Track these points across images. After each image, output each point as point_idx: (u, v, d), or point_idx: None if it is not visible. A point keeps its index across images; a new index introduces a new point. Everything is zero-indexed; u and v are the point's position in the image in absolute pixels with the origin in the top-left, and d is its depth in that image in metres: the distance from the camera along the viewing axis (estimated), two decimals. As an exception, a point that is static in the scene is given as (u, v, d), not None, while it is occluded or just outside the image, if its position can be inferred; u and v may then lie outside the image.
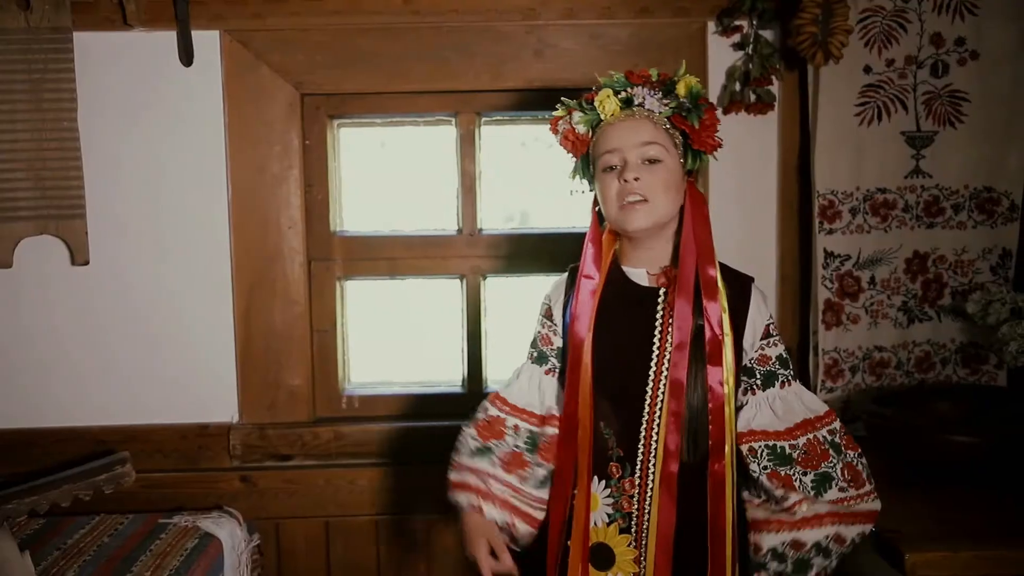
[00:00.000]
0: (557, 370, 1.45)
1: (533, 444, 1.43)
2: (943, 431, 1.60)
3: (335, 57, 1.90)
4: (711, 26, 1.90)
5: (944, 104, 1.84)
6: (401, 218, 2.06)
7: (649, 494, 1.36)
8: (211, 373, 1.94)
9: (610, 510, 1.39)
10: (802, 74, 1.89)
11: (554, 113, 1.43)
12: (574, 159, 1.44)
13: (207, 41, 1.87)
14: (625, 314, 1.39)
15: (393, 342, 2.10)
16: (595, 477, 1.38)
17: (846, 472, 1.33)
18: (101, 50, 1.86)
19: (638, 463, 1.37)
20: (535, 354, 1.48)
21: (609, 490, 1.38)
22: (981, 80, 1.83)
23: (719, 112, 1.86)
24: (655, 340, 1.37)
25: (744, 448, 1.37)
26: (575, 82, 1.91)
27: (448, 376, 2.07)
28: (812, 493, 1.31)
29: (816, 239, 1.85)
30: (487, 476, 1.42)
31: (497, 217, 2.06)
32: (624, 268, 1.42)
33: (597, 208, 1.43)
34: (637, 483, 1.37)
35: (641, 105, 1.36)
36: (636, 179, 1.33)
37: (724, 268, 1.42)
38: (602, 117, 1.37)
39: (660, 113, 1.36)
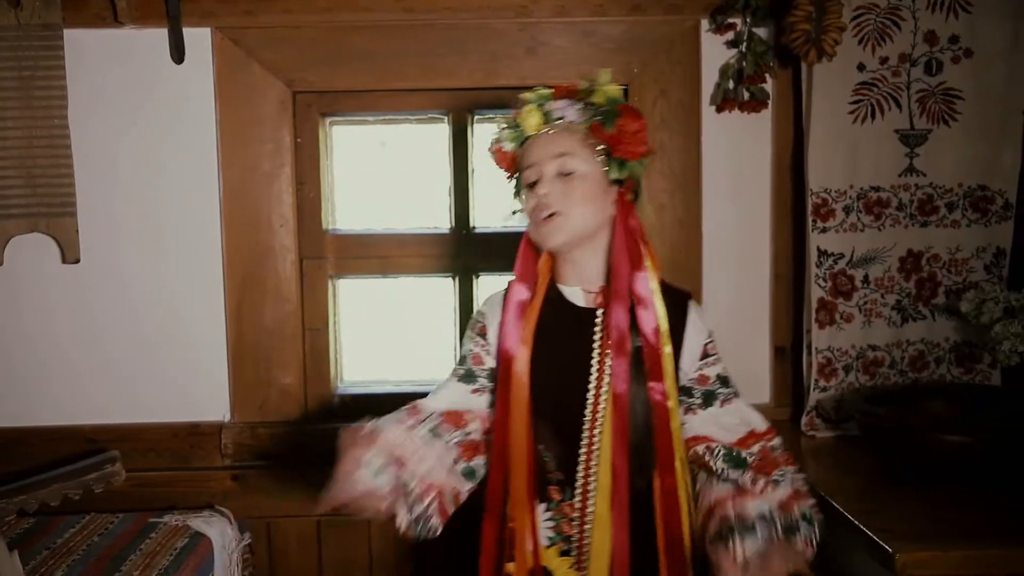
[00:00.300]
0: (487, 391, 1.41)
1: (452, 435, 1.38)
2: (936, 430, 1.59)
3: (327, 55, 1.89)
4: (704, 24, 1.90)
5: (938, 102, 1.83)
6: (394, 216, 2.05)
7: (590, 516, 1.35)
8: (203, 372, 1.93)
9: (551, 533, 1.37)
10: (796, 72, 1.89)
11: (492, 135, 1.42)
12: (510, 177, 1.42)
13: (198, 38, 1.87)
14: (563, 334, 1.36)
15: (386, 341, 2.09)
16: (537, 501, 1.35)
17: (794, 484, 1.32)
18: (92, 47, 1.86)
19: (578, 486, 1.35)
20: (462, 372, 1.43)
21: (549, 513, 1.37)
22: (975, 78, 1.82)
23: (713, 109, 1.91)
24: (593, 360, 1.35)
25: (700, 448, 1.36)
26: (568, 80, 1.91)
27: (441, 375, 2.02)
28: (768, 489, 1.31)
29: (809, 237, 1.85)
30: (400, 422, 1.37)
31: (490, 215, 2.05)
32: (560, 287, 1.39)
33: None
34: (578, 506, 1.35)
35: (561, 118, 1.34)
36: (545, 193, 1.31)
37: (661, 283, 1.39)
38: (528, 133, 1.36)
39: (579, 123, 1.33)
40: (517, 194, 1.41)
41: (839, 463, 1.75)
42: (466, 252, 2.00)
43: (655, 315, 1.33)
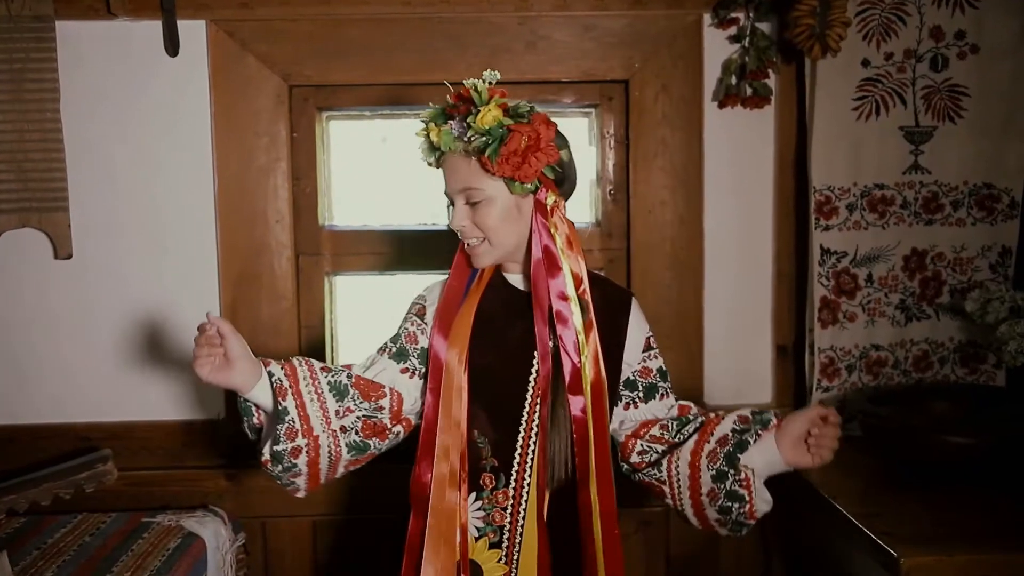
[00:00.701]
0: (416, 374, 1.38)
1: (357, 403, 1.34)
2: (940, 431, 1.57)
3: (324, 48, 1.86)
4: (707, 18, 1.87)
5: (943, 99, 1.80)
6: (392, 212, 2.02)
7: (523, 507, 1.33)
8: None
9: (480, 523, 1.33)
10: (799, 68, 1.86)
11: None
12: None
13: (193, 31, 1.84)
14: (504, 318, 1.35)
15: (383, 339, 2.05)
16: (466, 490, 1.32)
17: (700, 412, 1.42)
18: (84, 40, 1.83)
19: (513, 473, 1.33)
20: (393, 349, 1.39)
21: (480, 502, 1.33)
22: (981, 74, 1.79)
23: (715, 105, 1.89)
24: (534, 346, 1.32)
25: (655, 429, 1.38)
26: (568, 75, 1.89)
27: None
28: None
29: (812, 235, 1.82)
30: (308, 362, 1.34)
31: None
32: (504, 274, 1.39)
33: None
34: (511, 495, 1.33)
35: (459, 138, 1.27)
36: (462, 226, 1.31)
37: (604, 283, 1.41)
38: (442, 149, 1.31)
39: (468, 151, 1.27)
40: None
41: (840, 464, 1.65)
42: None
43: (574, 329, 1.30)
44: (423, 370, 1.37)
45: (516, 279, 1.38)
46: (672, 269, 1.92)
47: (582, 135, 2.01)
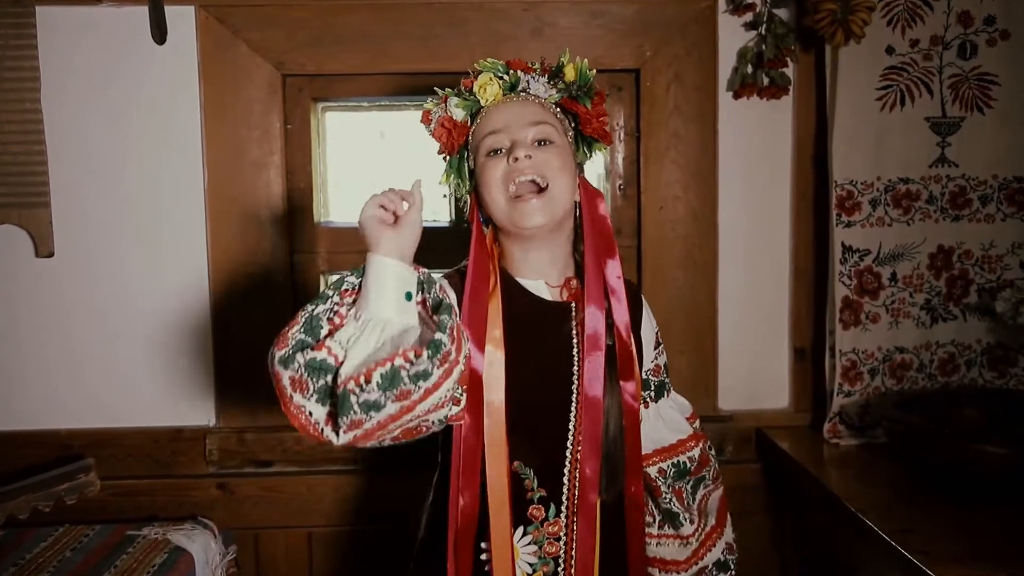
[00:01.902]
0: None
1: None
2: (976, 440, 1.47)
3: (319, 35, 1.77)
4: (722, 4, 1.79)
5: (972, 88, 1.72)
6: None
7: (575, 531, 1.21)
8: (186, 373, 1.82)
9: (532, 559, 1.21)
10: (819, 56, 1.78)
11: (426, 104, 1.26)
12: (447, 156, 1.28)
13: (181, 17, 1.75)
14: (536, 334, 1.20)
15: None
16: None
17: (714, 471, 1.37)
18: (67, 26, 1.74)
19: (564, 500, 1.21)
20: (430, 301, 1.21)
21: (530, 536, 1.20)
22: (1012, 62, 1.70)
23: (730, 96, 1.81)
24: (574, 363, 1.21)
25: (652, 470, 1.32)
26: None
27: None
28: (689, 497, 1.34)
29: (833, 233, 1.73)
30: None
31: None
32: (520, 281, 1.23)
33: (479, 213, 1.26)
34: (564, 522, 1.21)
35: (526, 90, 1.23)
36: (528, 156, 1.16)
37: None
38: (482, 103, 1.22)
39: (547, 98, 1.23)
40: (455, 175, 1.28)
41: (866, 474, 1.63)
42: (466, 247, 1.88)
43: (627, 309, 1.22)
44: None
45: (534, 286, 1.23)
46: (685, 267, 1.84)
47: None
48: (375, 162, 1.97)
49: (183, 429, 1.82)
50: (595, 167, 1.92)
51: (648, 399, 1.34)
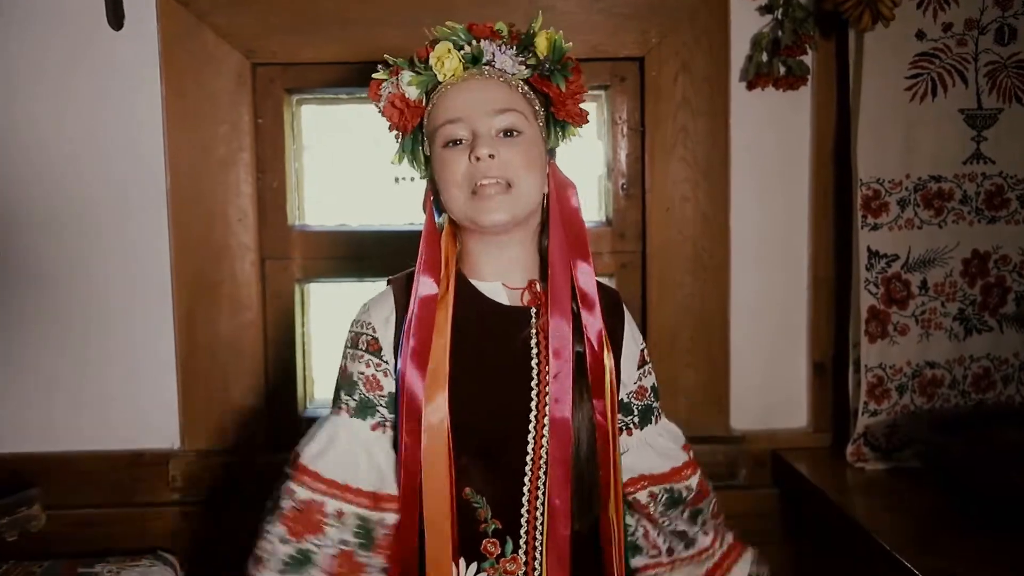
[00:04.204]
0: (390, 426, 1.10)
1: (368, 536, 1.06)
2: (1021, 464, 1.33)
3: (292, 20, 1.64)
4: (734, -14, 1.66)
5: (1011, 76, 1.58)
6: (372, 210, 1.80)
7: (537, 570, 1.07)
8: (147, 391, 1.69)
9: None
10: (840, 42, 1.64)
11: (374, 75, 1.12)
12: (399, 136, 1.13)
13: (140, 0, 1.61)
14: (488, 345, 1.08)
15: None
16: (462, 561, 1.06)
17: (713, 507, 1.23)
18: (13, 10, 1.60)
19: (523, 534, 1.07)
20: (353, 404, 1.09)
21: (485, 574, 1.06)
22: (1055, 48, 1.58)
23: (743, 86, 1.67)
24: (533, 375, 1.08)
25: (643, 495, 1.18)
26: (574, 51, 1.64)
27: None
28: (689, 523, 1.21)
29: (858, 236, 1.60)
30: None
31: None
32: (473, 283, 1.11)
33: (432, 200, 1.14)
34: (523, 559, 1.07)
35: (491, 64, 1.08)
36: (491, 156, 1.04)
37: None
38: (440, 78, 1.08)
39: (514, 74, 1.09)
40: (410, 158, 1.14)
41: (895, 502, 1.50)
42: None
43: (598, 318, 1.08)
44: (393, 419, 1.10)
45: (492, 289, 1.11)
46: (694, 274, 1.70)
47: (590, 121, 1.78)
48: (357, 156, 1.83)
49: (143, 452, 1.69)
50: (595, 165, 1.79)
51: (631, 426, 1.19)
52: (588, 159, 1.78)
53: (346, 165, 1.83)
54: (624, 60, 1.70)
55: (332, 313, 1.83)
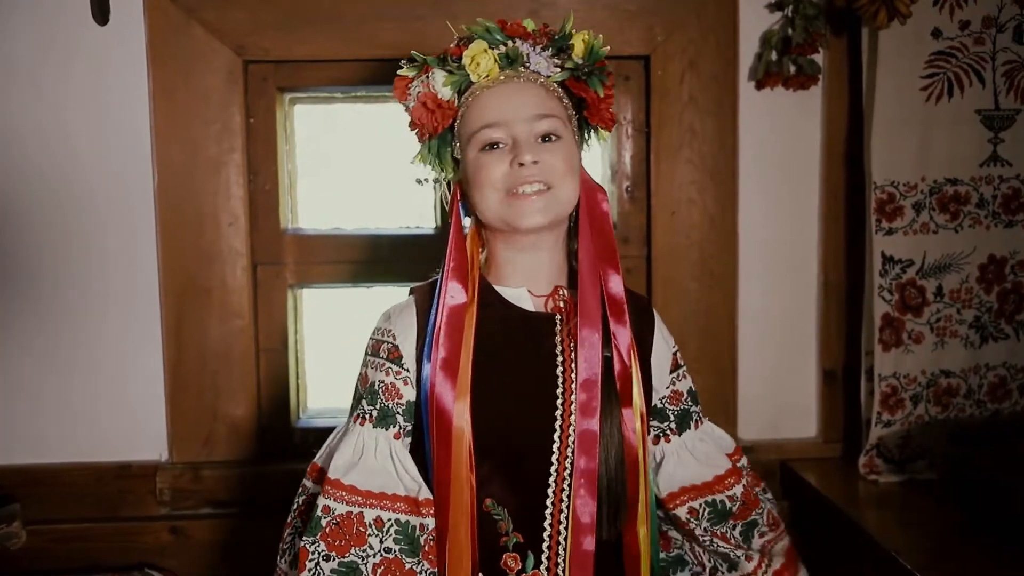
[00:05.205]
0: (405, 431, 1.08)
1: (411, 542, 1.02)
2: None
3: (285, 16, 1.59)
4: (743, -18, 1.62)
5: (1029, 77, 1.54)
6: (368, 213, 1.76)
7: None
8: (134, 401, 1.64)
9: None
10: (853, 40, 1.60)
11: (399, 71, 1.09)
12: (425, 137, 1.10)
13: (127, -6, 1.57)
14: (512, 352, 1.07)
15: (356, 363, 1.79)
16: None
17: (769, 516, 1.19)
18: (-6, 5, 1.56)
19: (545, 548, 1.04)
20: (375, 413, 1.07)
21: None
22: (1075, 47, 1.53)
23: (752, 86, 1.63)
24: (558, 384, 1.06)
25: (682, 511, 1.17)
26: (578, 49, 1.63)
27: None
28: (739, 540, 1.17)
29: (872, 241, 1.55)
30: None
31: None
32: (498, 289, 1.10)
33: (460, 203, 1.11)
34: (545, 574, 1.05)
35: (526, 65, 1.06)
36: (535, 162, 1.03)
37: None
38: (473, 79, 1.06)
39: (550, 77, 1.08)
40: (435, 161, 1.12)
41: (910, 516, 1.46)
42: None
43: (628, 328, 1.07)
44: (410, 427, 1.07)
45: (516, 295, 1.09)
46: (700, 280, 1.67)
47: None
48: (351, 157, 1.80)
49: (130, 464, 1.65)
50: (598, 166, 1.74)
51: (669, 432, 1.17)
52: (591, 160, 1.73)
53: (340, 166, 1.80)
54: (629, 58, 1.66)
55: (326, 320, 1.80)
